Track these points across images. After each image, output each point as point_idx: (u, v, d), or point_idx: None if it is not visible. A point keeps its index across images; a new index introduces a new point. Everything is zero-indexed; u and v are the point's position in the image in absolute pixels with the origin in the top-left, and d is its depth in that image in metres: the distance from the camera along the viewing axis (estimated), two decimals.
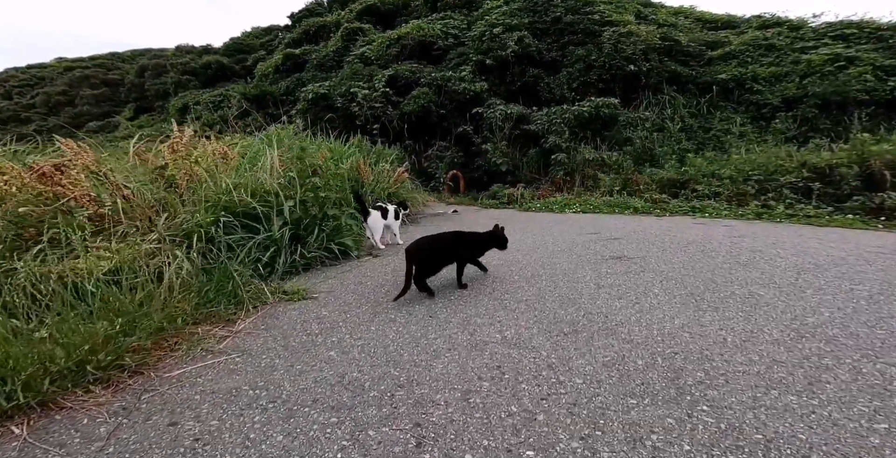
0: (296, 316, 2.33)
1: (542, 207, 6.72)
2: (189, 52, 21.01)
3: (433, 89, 9.94)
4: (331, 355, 1.84)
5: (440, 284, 2.74)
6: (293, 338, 2.05)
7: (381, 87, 9.83)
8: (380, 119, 9.59)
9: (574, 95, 10.15)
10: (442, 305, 2.39)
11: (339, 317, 2.28)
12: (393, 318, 2.23)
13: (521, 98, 10.36)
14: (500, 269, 3.06)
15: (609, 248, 3.57)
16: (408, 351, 1.83)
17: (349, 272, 3.06)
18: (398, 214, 3.92)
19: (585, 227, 4.75)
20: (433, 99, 9.78)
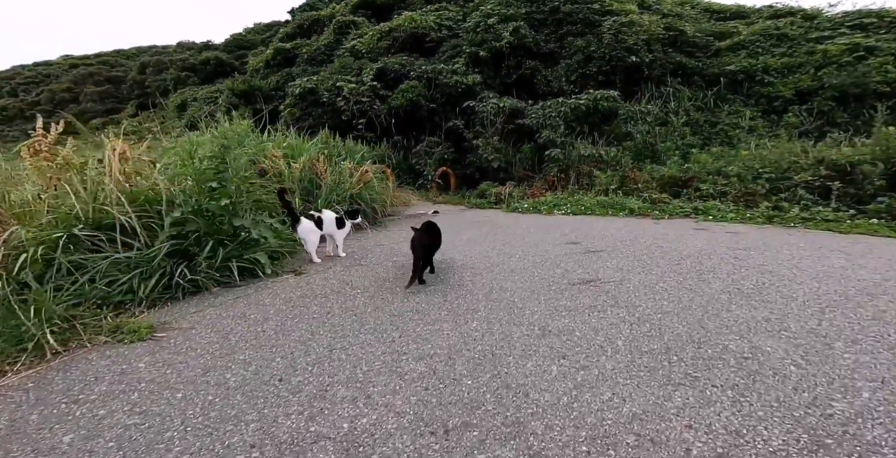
0: (92, 370, 1.69)
1: (530, 208, 6.04)
2: (189, 49, 20.60)
3: (423, 83, 9.27)
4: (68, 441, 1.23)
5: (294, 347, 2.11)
6: (51, 407, 1.44)
7: (368, 80, 9.18)
8: (366, 114, 8.96)
9: (573, 88, 9.44)
10: (304, 366, 1.71)
11: (156, 372, 1.65)
12: (223, 379, 1.60)
13: (516, 91, 9.66)
14: (434, 297, 2.40)
15: (584, 265, 2.91)
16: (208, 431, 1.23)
17: (242, 299, 2.44)
18: (341, 222, 3.30)
19: (568, 234, 4.08)
20: (423, 92, 9.11)
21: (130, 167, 3.06)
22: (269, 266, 2.79)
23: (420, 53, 10.66)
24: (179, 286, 2.39)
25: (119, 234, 2.44)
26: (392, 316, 2.09)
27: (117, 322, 1.99)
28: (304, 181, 4.56)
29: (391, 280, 2.70)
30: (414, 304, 2.26)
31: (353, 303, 2.29)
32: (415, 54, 10.53)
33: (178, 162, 3.04)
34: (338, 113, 9.07)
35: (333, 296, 2.42)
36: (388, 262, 3.18)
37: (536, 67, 10.07)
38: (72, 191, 2.46)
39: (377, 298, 2.37)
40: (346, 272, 2.92)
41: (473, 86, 9.32)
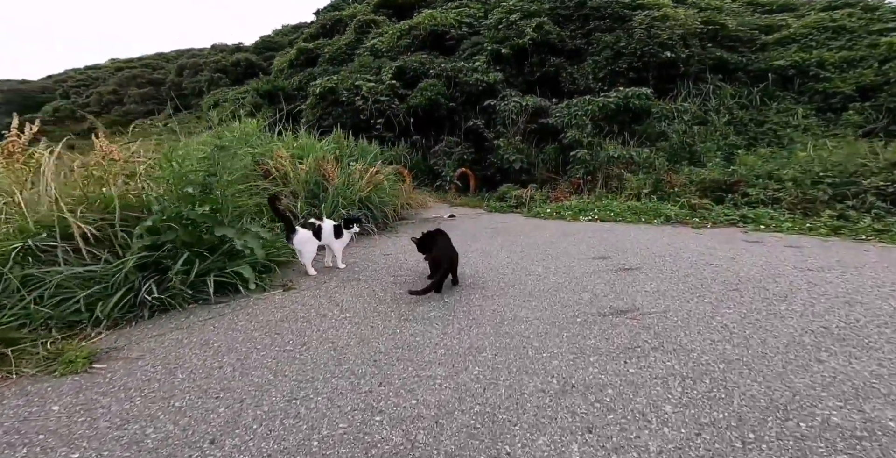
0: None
1: (554, 213, 5.51)
2: (222, 51, 21.06)
3: (443, 81, 8.87)
4: None
5: None
6: None
7: (387, 79, 8.85)
8: (385, 113, 8.63)
9: (600, 86, 8.84)
10: (249, 423, 1.36)
11: (66, 420, 1.29)
12: (140, 435, 1.23)
13: (540, 90, 9.11)
14: (432, 328, 1.97)
15: (616, 288, 2.40)
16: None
17: (215, 320, 2.06)
18: (339, 231, 2.92)
19: (597, 245, 3.55)
20: (442, 91, 8.71)
21: (117, 169, 2.80)
22: (253, 281, 2.44)
23: (440, 51, 10.27)
24: (146, 304, 2.07)
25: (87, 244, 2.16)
26: (377, 353, 1.67)
27: (59, 348, 1.68)
28: (310, 184, 4.23)
29: (387, 302, 2.29)
30: (406, 337, 1.84)
31: (337, 332, 1.90)
32: (435, 52, 10.15)
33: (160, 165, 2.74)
34: (357, 112, 8.80)
35: (317, 320, 2.04)
36: (390, 277, 2.77)
37: (561, 65, 9.52)
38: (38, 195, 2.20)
39: (365, 325, 1.96)
40: (340, 289, 2.54)
41: (495, 84, 8.84)
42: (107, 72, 23.13)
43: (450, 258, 2.39)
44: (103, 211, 2.34)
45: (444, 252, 2.41)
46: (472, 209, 6.67)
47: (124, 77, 20.90)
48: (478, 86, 8.79)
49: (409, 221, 5.41)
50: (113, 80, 21.52)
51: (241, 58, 17.50)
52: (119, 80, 21.06)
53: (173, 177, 2.50)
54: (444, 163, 8.21)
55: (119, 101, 20.12)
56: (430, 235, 2.59)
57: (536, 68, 9.54)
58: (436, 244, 2.49)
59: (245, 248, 2.48)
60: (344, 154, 5.19)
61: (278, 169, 4.23)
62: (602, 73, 9.17)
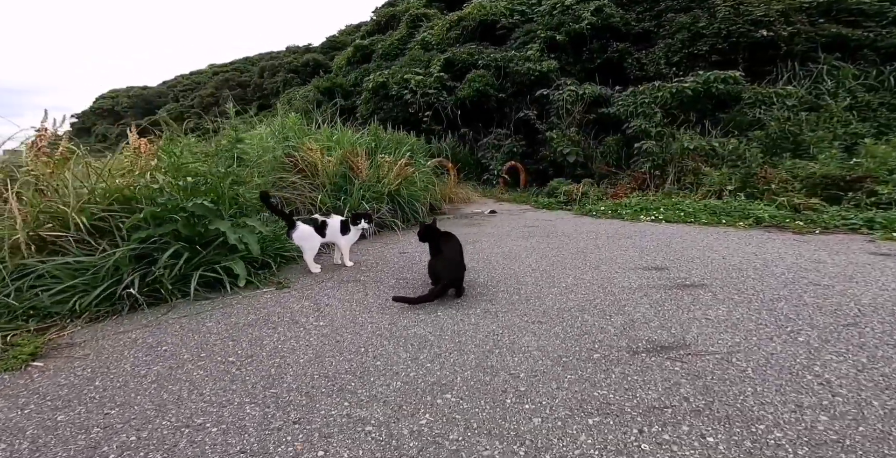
0: None
1: (609, 211, 4.78)
2: (294, 52, 22.53)
3: (492, 71, 8.36)
4: None
5: None
6: None
7: (435, 71, 8.56)
8: (432, 106, 8.35)
9: (674, 71, 7.77)
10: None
11: None
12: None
13: (600, 77, 8.23)
14: (400, 352, 1.58)
15: (665, 312, 1.80)
16: None
17: (186, 319, 1.84)
18: (347, 227, 2.66)
19: (653, 252, 2.87)
20: (491, 82, 8.20)
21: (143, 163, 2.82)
22: (244, 277, 2.26)
23: (491, 42, 9.75)
24: (132, 297, 1.96)
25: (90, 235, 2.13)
26: (321, 378, 1.33)
27: (13, 341, 1.60)
28: (335, 177, 4.07)
29: (373, 311, 1.95)
30: (368, 359, 1.48)
31: (296, 344, 1.60)
32: (484, 43, 9.66)
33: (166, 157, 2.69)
34: (406, 106, 8.64)
35: (284, 327, 1.77)
36: (393, 280, 2.44)
37: (626, 50, 8.56)
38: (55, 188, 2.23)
39: (332, 339, 1.64)
40: (332, 291, 2.26)
41: (549, 73, 8.13)
42: (206, 76, 26.12)
43: (452, 271, 1.98)
44: (109, 203, 2.32)
45: (447, 264, 2.00)
46: (517, 205, 6.12)
47: (219, 80, 23.38)
48: (529, 75, 8.15)
49: (447, 217, 5.06)
50: (211, 83, 24.12)
51: (309, 58, 18.50)
52: (216, 83, 23.56)
53: (170, 169, 2.42)
54: (491, 156, 7.71)
55: (216, 102, 22.53)
56: (437, 232, 2.19)
57: (597, 55, 8.70)
58: (441, 251, 2.07)
59: (239, 242, 2.31)
60: (379, 147, 4.98)
61: (308, 162, 4.12)
62: (676, 57, 8.07)
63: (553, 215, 4.98)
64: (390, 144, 5.11)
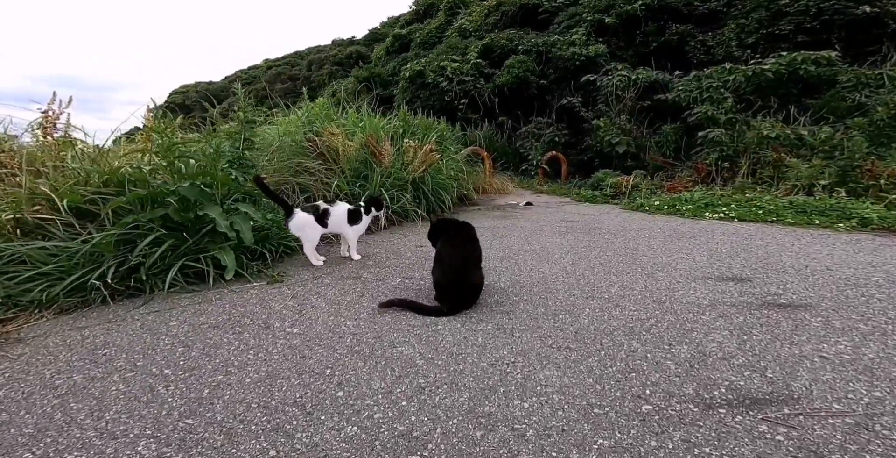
0: None
1: (665, 207, 4.10)
2: (339, 45, 22.82)
3: (533, 57, 7.76)
4: None
5: None
6: None
7: (472, 58, 8.06)
8: (469, 94, 7.87)
9: (748, 53, 6.85)
10: None
11: None
12: None
13: (656, 62, 7.39)
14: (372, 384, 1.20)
15: (752, 344, 1.28)
16: None
17: (153, 316, 1.57)
18: (355, 216, 2.32)
19: (726, 257, 2.27)
20: (531, 68, 7.60)
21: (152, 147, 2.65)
22: (232, 269, 2.00)
23: (532, 27, 9.11)
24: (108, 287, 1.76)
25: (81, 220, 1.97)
26: (258, 408, 0.98)
27: None
28: (357, 162, 3.77)
29: (361, 317, 1.59)
30: (329, 387, 1.11)
31: (253, 357, 1.27)
32: (525, 28, 9.04)
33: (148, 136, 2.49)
34: (442, 94, 8.24)
35: (249, 334, 1.45)
36: (399, 278, 2.07)
37: (689, 32, 7.74)
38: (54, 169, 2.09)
39: (297, 353, 1.29)
40: (325, 290, 1.93)
41: (596, 57, 7.41)
42: (261, 71, 27.30)
43: (457, 283, 1.54)
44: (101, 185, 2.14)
45: (451, 274, 1.55)
46: (556, 198, 5.53)
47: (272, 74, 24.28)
48: (574, 60, 7.48)
49: (478, 208, 4.63)
50: (265, 77, 25.06)
51: (352, 50, 18.60)
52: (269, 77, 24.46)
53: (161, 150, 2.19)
54: (530, 146, 7.13)
55: (269, 95, 23.36)
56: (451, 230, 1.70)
57: (652, 38, 7.89)
58: (448, 255, 1.60)
59: (229, 230, 2.05)
60: (406, 132, 4.62)
61: (329, 147, 3.86)
62: (752, 38, 7.18)
63: (596, 209, 4.37)
64: (419, 129, 4.74)
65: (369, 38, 19.93)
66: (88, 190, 2.10)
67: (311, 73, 21.47)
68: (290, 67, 25.39)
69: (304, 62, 24.72)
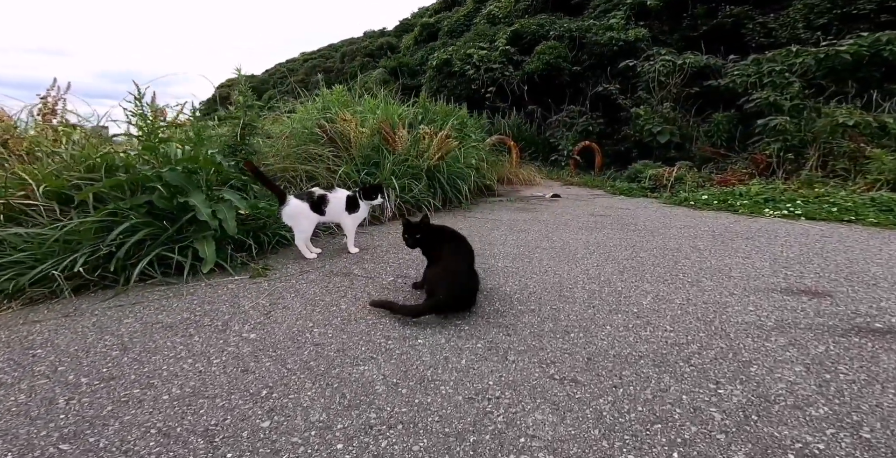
0: None
1: (716, 201, 3.61)
2: (371, 37, 22.79)
3: (566, 43, 7.25)
4: None
5: None
6: None
7: (501, 45, 7.64)
8: (497, 82, 7.46)
9: (818, 35, 6.15)
10: None
11: None
12: None
13: (706, 47, 6.76)
14: (297, 422, 0.92)
15: (844, 394, 0.90)
16: None
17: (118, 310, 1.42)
18: (354, 203, 2.10)
19: (793, 263, 1.84)
20: (564, 54, 7.10)
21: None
22: (211, 261, 1.83)
23: (565, 12, 8.55)
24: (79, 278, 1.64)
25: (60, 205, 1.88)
26: (141, 440, 0.77)
27: None
28: (368, 149, 3.56)
29: (335, 323, 1.36)
30: (256, 417, 0.88)
31: (190, 367, 1.07)
32: (558, 13, 8.48)
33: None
34: (469, 82, 7.89)
35: (201, 337, 1.26)
36: (392, 276, 1.83)
37: (745, 13, 7.11)
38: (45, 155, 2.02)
39: (235, 368, 1.08)
40: (312, 285, 1.72)
41: (636, 42, 6.84)
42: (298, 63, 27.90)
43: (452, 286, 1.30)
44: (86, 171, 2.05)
45: (445, 275, 1.33)
46: (588, 190, 5.09)
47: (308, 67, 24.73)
48: (611, 45, 6.93)
49: (500, 199, 4.30)
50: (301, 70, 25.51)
51: (383, 42, 18.46)
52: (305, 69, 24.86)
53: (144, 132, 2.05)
54: (561, 135, 6.65)
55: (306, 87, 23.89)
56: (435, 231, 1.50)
57: (701, 21, 7.18)
58: (441, 256, 1.41)
59: (211, 219, 1.88)
60: (425, 119, 4.36)
61: (342, 133, 3.68)
62: (823, 18, 6.46)
63: (632, 203, 3.92)
64: (438, 116, 4.46)
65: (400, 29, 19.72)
66: (73, 176, 2.01)
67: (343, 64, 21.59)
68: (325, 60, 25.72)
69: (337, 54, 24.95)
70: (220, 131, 3.11)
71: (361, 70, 20.33)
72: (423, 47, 11.74)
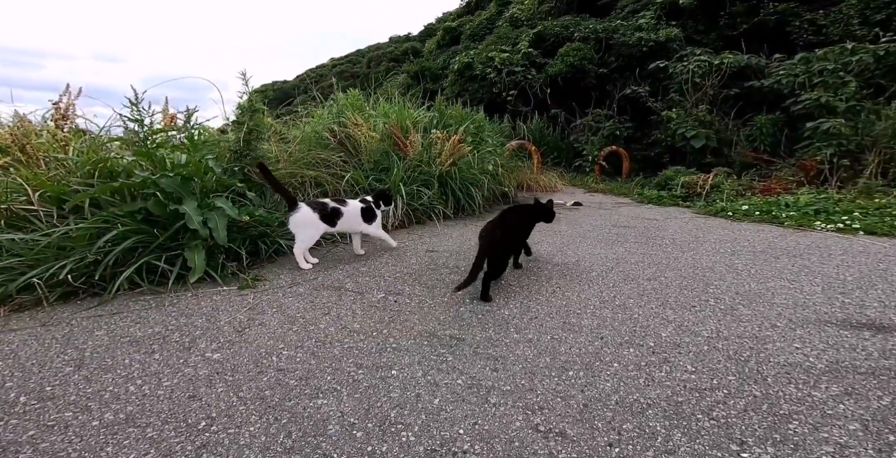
0: None
1: (757, 212, 3.29)
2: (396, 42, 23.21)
3: (591, 45, 7.02)
4: None
5: None
6: None
7: (523, 47, 7.48)
8: (519, 85, 7.30)
9: (875, 32, 5.78)
10: None
11: None
12: None
13: (746, 46, 6.41)
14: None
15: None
16: None
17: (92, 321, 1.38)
18: (369, 213, 2.14)
19: (854, 287, 1.58)
20: (589, 56, 6.88)
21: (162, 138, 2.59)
22: (199, 271, 1.78)
23: (591, 13, 8.34)
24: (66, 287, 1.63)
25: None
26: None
27: None
28: (378, 154, 3.49)
29: (308, 344, 1.26)
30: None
31: (127, 390, 0.98)
32: (583, 14, 8.26)
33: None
34: (490, 86, 7.78)
35: (163, 354, 1.18)
36: (384, 292, 1.71)
37: (791, 11, 6.73)
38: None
39: (180, 397, 0.98)
40: (298, 300, 1.63)
41: (668, 42, 6.56)
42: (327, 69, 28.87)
43: (487, 244, 1.61)
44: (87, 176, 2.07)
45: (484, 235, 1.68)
46: (613, 198, 4.82)
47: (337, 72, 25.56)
48: (640, 47, 6.67)
49: None
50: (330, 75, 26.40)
51: (408, 47, 18.72)
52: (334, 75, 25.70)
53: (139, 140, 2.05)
54: (586, 140, 6.39)
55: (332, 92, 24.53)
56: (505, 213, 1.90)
57: (741, 19, 6.81)
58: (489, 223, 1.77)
59: (202, 227, 1.84)
60: (440, 123, 4.27)
61: (351, 137, 3.64)
62: (880, 14, 6.04)
63: (661, 213, 3.65)
64: (454, 120, 4.36)
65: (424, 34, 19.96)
66: (72, 181, 2.03)
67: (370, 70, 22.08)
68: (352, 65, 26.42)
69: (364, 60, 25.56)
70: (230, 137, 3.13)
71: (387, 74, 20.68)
72: (446, 51, 11.76)
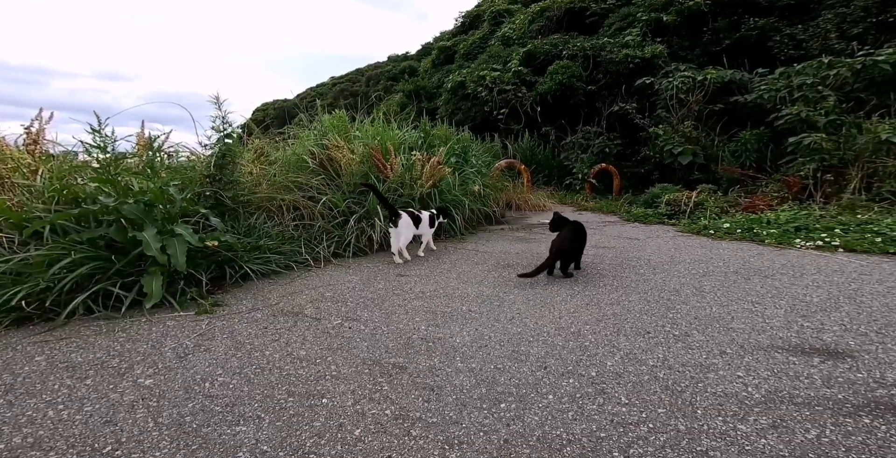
0: None
1: (739, 230, 3.30)
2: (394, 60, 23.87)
3: (580, 62, 7.23)
4: None
5: None
6: None
7: (514, 66, 7.70)
8: (510, 103, 7.46)
9: (853, 45, 5.94)
10: None
11: None
12: None
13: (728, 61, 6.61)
14: None
15: None
16: None
17: (38, 345, 1.40)
18: (432, 221, 2.93)
19: (817, 309, 1.57)
20: (577, 73, 7.07)
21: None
22: (156, 296, 1.78)
23: (579, 31, 8.62)
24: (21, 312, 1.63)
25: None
26: None
27: None
28: (358, 176, 3.53)
29: (243, 372, 1.25)
30: None
31: (32, 416, 0.97)
32: (572, 32, 8.55)
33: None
34: (482, 104, 7.95)
35: (96, 378, 1.16)
36: (340, 319, 1.71)
37: (771, 26, 6.98)
38: None
39: (80, 427, 0.96)
40: (255, 325, 1.63)
41: (653, 58, 6.75)
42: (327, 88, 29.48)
43: (559, 250, 2.19)
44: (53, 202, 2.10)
45: (556, 240, 2.25)
46: (600, 216, 4.84)
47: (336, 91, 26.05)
48: (627, 63, 6.88)
49: (501, 228, 4.15)
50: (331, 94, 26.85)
51: (405, 65, 19.26)
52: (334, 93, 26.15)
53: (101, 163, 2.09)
54: (576, 157, 6.48)
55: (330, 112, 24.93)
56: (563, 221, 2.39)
57: (724, 35, 7.06)
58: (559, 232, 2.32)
59: (159, 254, 1.85)
60: (425, 143, 4.35)
61: (333, 160, 3.69)
62: (857, 28, 6.26)
63: (645, 232, 3.65)
64: (438, 140, 4.44)
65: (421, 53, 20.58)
66: (36, 207, 2.07)
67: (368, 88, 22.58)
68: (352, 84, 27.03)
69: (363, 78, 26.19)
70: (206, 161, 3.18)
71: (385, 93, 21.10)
72: (441, 70, 12.07)
